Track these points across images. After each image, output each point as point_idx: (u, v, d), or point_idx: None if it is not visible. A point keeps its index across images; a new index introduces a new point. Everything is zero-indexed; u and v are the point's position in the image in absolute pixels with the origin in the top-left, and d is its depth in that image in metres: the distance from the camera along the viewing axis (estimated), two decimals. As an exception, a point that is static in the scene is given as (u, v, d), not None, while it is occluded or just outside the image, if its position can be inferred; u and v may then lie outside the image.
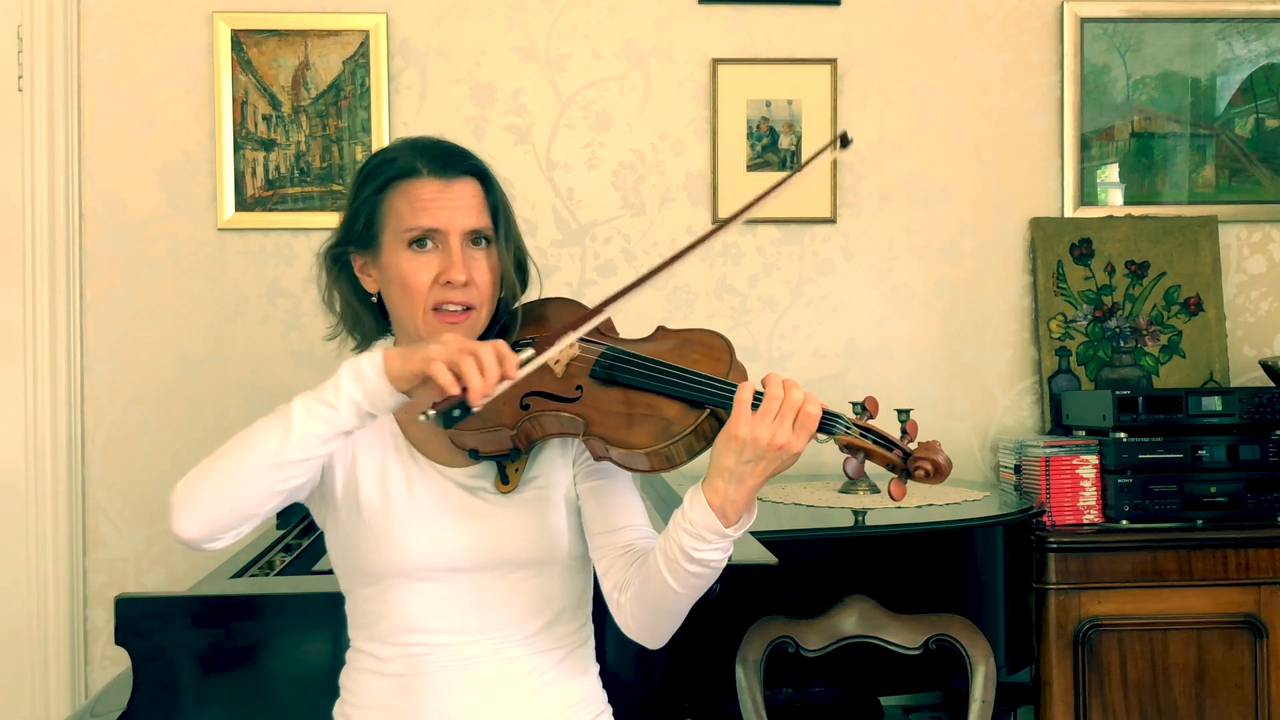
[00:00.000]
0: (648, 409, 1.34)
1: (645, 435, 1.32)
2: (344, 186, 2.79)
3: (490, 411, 1.38)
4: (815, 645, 1.99)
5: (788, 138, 2.85)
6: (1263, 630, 2.45)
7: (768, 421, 1.27)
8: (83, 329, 2.77)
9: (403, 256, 1.44)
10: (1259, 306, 2.97)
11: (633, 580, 1.40)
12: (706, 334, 1.43)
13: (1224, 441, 2.54)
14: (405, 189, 1.45)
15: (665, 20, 2.86)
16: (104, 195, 2.78)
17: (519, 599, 1.43)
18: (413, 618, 1.42)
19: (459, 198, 1.45)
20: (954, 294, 2.91)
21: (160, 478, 2.77)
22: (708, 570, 1.33)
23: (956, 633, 2.00)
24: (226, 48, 2.77)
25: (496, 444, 1.40)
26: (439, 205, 1.44)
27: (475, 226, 1.45)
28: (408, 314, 1.45)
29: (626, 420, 1.34)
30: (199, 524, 1.31)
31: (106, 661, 2.77)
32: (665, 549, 1.34)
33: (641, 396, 1.35)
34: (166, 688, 1.69)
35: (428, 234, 1.43)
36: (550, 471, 1.48)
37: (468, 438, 1.40)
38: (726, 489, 1.29)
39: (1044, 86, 2.92)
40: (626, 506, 1.47)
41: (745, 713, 1.93)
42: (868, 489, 2.50)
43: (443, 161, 1.48)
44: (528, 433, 1.40)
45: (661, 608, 1.38)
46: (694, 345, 1.41)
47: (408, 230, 1.44)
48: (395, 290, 1.46)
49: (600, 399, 1.36)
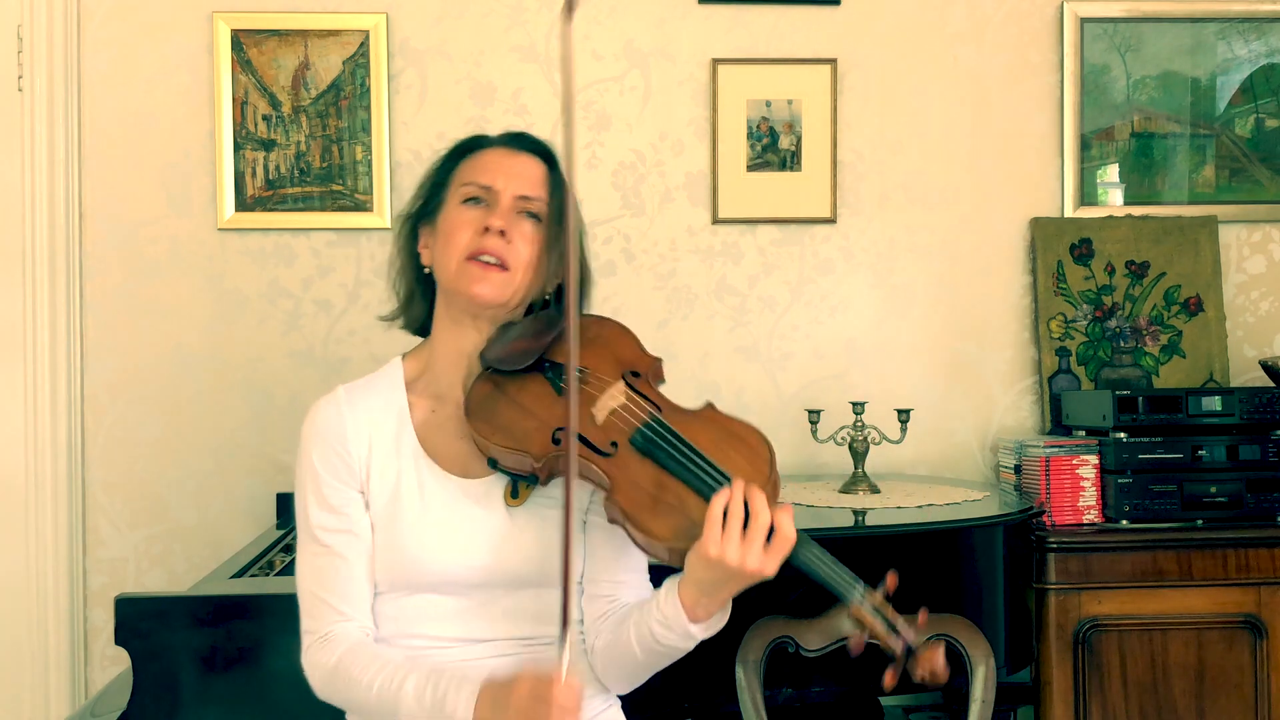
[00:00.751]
0: (676, 500, 1.31)
1: (666, 528, 1.29)
2: (344, 186, 2.80)
3: (520, 433, 1.38)
4: (815, 645, 1.99)
5: (788, 138, 2.85)
6: (1263, 630, 2.45)
7: (735, 542, 1.25)
8: (83, 329, 2.77)
9: (456, 212, 1.48)
10: (1259, 306, 2.97)
11: (604, 632, 1.42)
12: (753, 435, 1.38)
13: (1224, 441, 2.54)
14: (474, 157, 1.52)
15: (665, 20, 2.86)
16: (104, 195, 2.78)
17: (526, 614, 1.43)
18: (420, 625, 1.43)
19: (519, 165, 1.50)
20: (954, 294, 2.91)
21: (160, 478, 2.77)
22: (675, 653, 1.36)
23: (956, 633, 2.00)
24: (226, 48, 2.77)
25: (518, 464, 1.39)
26: (497, 167, 1.49)
27: (527, 193, 1.49)
28: (444, 263, 1.46)
29: (652, 503, 1.31)
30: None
31: (106, 661, 2.77)
32: (638, 622, 1.36)
33: (673, 483, 1.32)
34: (166, 688, 1.69)
35: (482, 192, 1.47)
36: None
37: (492, 448, 1.39)
38: (699, 596, 1.30)
39: (1044, 87, 2.92)
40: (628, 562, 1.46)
41: (745, 713, 1.93)
42: (868, 489, 2.50)
43: (513, 137, 1.55)
44: (552, 467, 1.38)
45: (626, 667, 1.41)
46: (736, 443, 1.37)
47: (464, 186, 1.49)
48: (441, 245, 1.48)
49: (632, 468, 1.34)
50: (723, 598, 1.31)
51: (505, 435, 1.38)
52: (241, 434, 2.78)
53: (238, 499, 2.78)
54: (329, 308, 2.80)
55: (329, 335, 2.80)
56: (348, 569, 1.42)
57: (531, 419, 1.39)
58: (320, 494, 1.43)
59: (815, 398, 2.85)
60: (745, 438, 1.38)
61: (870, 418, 2.64)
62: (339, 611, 1.41)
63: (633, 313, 2.82)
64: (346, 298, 2.80)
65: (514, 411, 1.40)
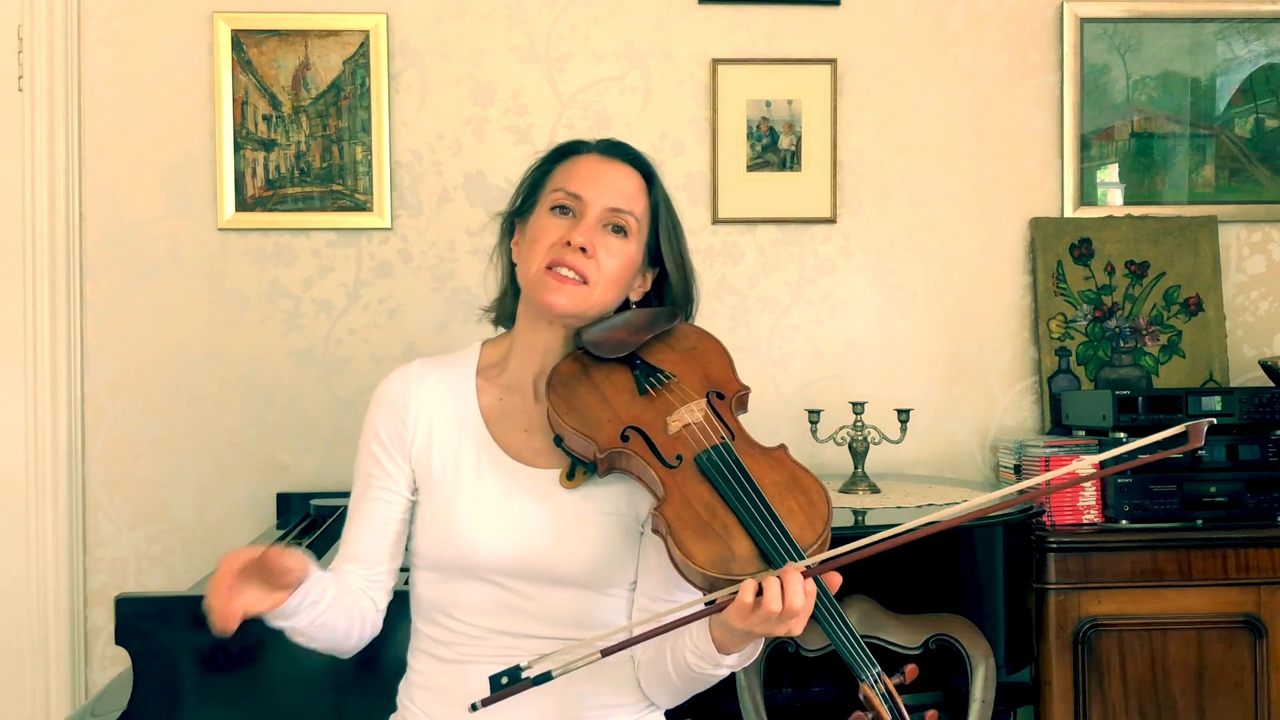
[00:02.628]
0: (723, 529, 1.29)
1: (705, 554, 1.28)
2: (344, 186, 2.80)
3: (594, 420, 1.39)
4: (815, 645, 1.99)
5: (788, 138, 2.85)
6: (1263, 630, 2.45)
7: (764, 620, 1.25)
8: (83, 329, 2.77)
9: (544, 217, 1.49)
10: (1259, 306, 2.97)
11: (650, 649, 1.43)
12: (816, 488, 1.36)
13: (1224, 441, 2.54)
14: (570, 161, 1.53)
15: (665, 20, 2.86)
16: (104, 195, 2.78)
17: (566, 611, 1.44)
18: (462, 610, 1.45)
19: (612, 176, 1.50)
20: (954, 294, 2.91)
21: (160, 478, 2.77)
22: (710, 679, 1.39)
23: (956, 633, 2.00)
24: (226, 48, 2.77)
25: (582, 449, 1.41)
26: (590, 175, 1.49)
27: (617, 205, 1.48)
28: (525, 268, 1.48)
29: (699, 525, 1.30)
30: None
31: (106, 661, 2.77)
32: (674, 648, 1.38)
33: (725, 513, 1.31)
34: (166, 688, 1.69)
35: (571, 201, 1.48)
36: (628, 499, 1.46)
37: (565, 425, 1.40)
38: (726, 638, 1.31)
39: (1044, 87, 2.92)
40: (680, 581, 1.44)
41: (745, 713, 1.93)
42: (868, 489, 2.50)
43: (611, 146, 1.55)
44: (612, 461, 1.39)
45: (667, 689, 1.44)
46: (798, 492, 1.35)
47: (555, 192, 1.49)
48: (527, 247, 1.50)
49: (690, 486, 1.33)
50: (748, 644, 1.33)
51: (578, 417, 1.39)
52: (241, 434, 2.78)
53: (238, 499, 2.78)
54: (329, 308, 2.80)
55: (329, 335, 2.80)
56: (368, 526, 1.50)
57: (607, 409, 1.40)
58: (373, 453, 1.51)
59: (815, 398, 2.85)
60: (808, 489, 1.36)
61: (870, 418, 2.64)
62: (348, 555, 1.51)
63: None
64: (346, 298, 2.80)
65: (593, 397, 1.42)
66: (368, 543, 1.50)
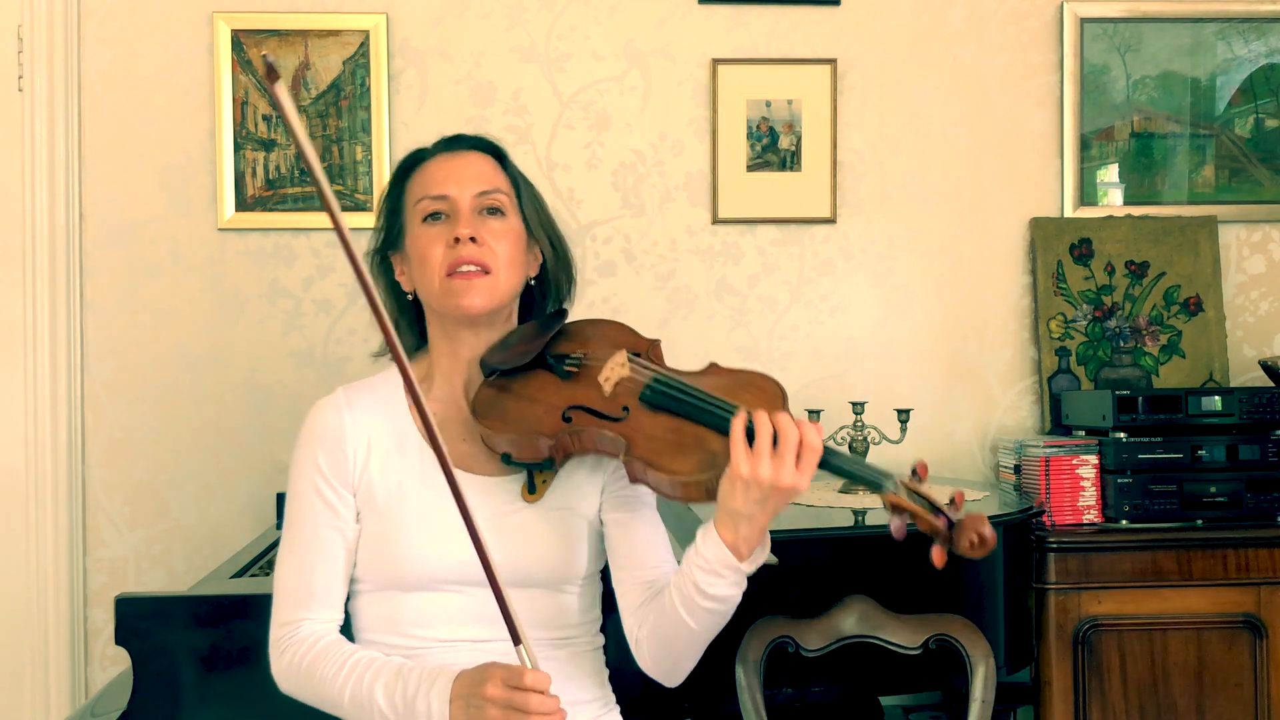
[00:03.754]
0: (695, 440, 1.32)
1: (689, 464, 1.30)
2: (344, 186, 2.80)
3: (531, 418, 1.39)
4: (815, 645, 1.99)
5: (788, 138, 2.85)
6: (1263, 630, 2.45)
7: (766, 459, 1.25)
8: (83, 329, 2.77)
9: (419, 231, 1.47)
10: (1259, 306, 2.97)
11: (649, 618, 1.40)
12: (761, 377, 1.41)
13: (1224, 441, 2.54)
14: (419, 171, 1.51)
15: (665, 20, 2.86)
16: (104, 195, 2.78)
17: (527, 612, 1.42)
18: (419, 627, 1.43)
19: (465, 166, 1.49)
20: (954, 294, 2.91)
21: (160, 478, 2.77)
22: (722, 607, 1.34)
23: (956, 632, 2.00)
24: (226, 48, 2.77)
25: (532, 452, 1.40)
26: (445, 173, 1.48)
27: (484, 189, 1.47)
28: (427, 285, 1.46)
29: (672, 447, 1.32)
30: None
31: (106, 661, 2.77)
32: (680, 585, 1.34)
33: (690, 427, 1.34)
34: (166, 688, 1.69)
35: (438, 204, 1.46)
36: (576, 495, 1.47)
37: (503, 442, 1.40)
38: (737, 527, 1.29)
39: (1044, 86, 2.92)
40: (653, 544, 1.46)
41: (745, 713, 1.93)
42: (868, 489, 2.49)
43: (452, 140, 1.53)
44: (565, 446, 1.39)
45: (677, 645, 1.39)
46: (747, 386, 1.39)
47: (419, 203, 1.47)
48: (417, 268, 1.48)
49: (646, 423, 1.35)
50: (761, 523, 1.29)
51: (514, 426, 1.39)
52: (241, 434, 2.78)
53: (238, 499, 2.78)
54: (329, 308, 2.80)
55: (329, 335, 2.80)
56: (330, 565, 1.44)
57: (539, 405, 1.41)
58: (318, 489, 1.45)
59: (815, 398, 2.85)
60: (754, 381, 1.40)
61: (870, 418, 2.64)
62: (318, 601, 1.43)
63: (633, 313, 2.82)
64: (346, 298, 2.80)
65: (521, 403, 1.42)
66: (336, 585, 1.45)
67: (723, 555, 1.29)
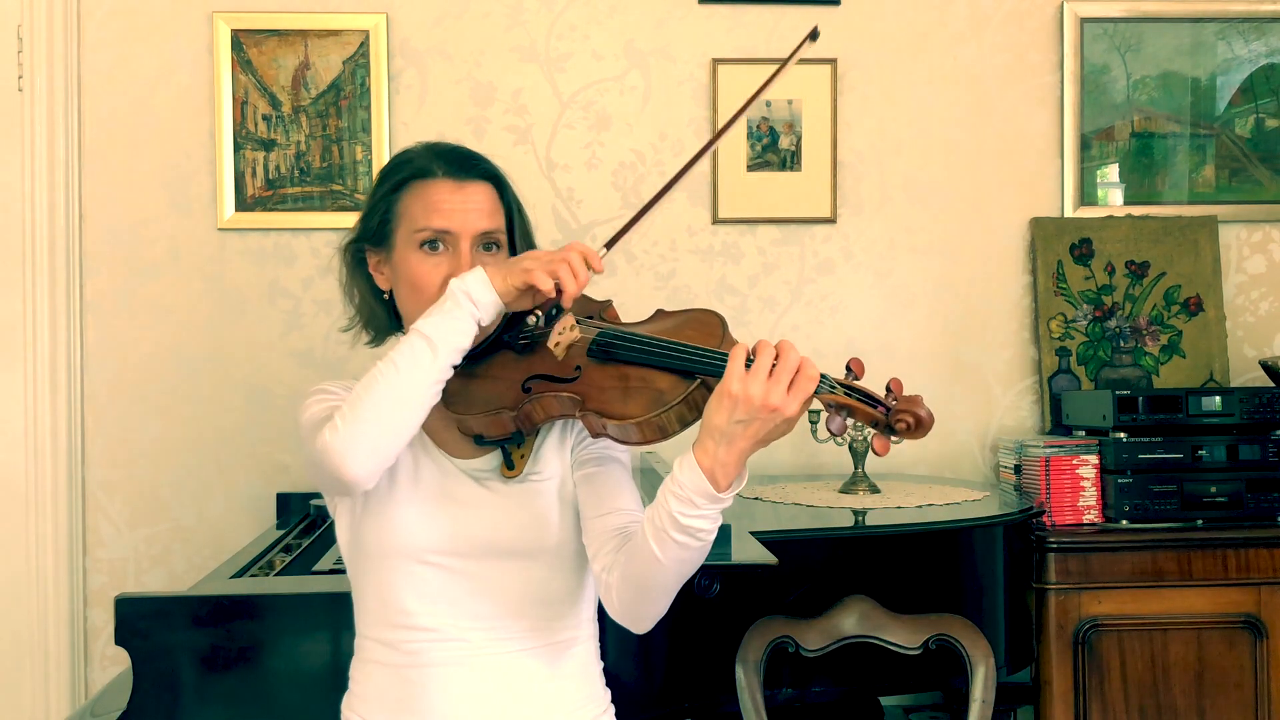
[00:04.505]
0: (641, 382, 1.36)
1: (638, 406, 1.34)
2: (344, 186, 2.79)
3: (494, 395, 1.42)
4: (815, 645, 1.99)
5: (788, 138, 2.85)
6: (1263, 630, 2.45)
7: (761, 378, 1.26)
8: (83, 329, 2.77)
9: (414, 257, 1.47)
10: (1259, 306, 2.97)
11: (620, 560, 1.39)
12: (701, 312, 1.46)
13: (1224, 441, 2.54)
14: (420, 190, 1.49)
15: (665, 20, 2.86)
16: (104, 195, 2.78)
17: (512, 590, 1.43)
18: (410, 603, 1.43)
19: (472, 200, 1.48)
20: (954, 294, 2.91)
21: (160, 478, 2.77)
22: (695, 542, 1.30)
23: (956, 633, 2.00)
24: (226, 48, 2.77)
25: (500, 428, 1.43)
26: (451, 207, 1.46)
27: (487, 228, 1.48)
28: (413, 310, 1.47)
29: (621, 394, 1.36)
30: (371, 463, 1.34)
31: (106, 661, 2.77)
32: (653, 518, 1.31)
33: (636, 371, 1.37)
34: (166, 688, 1.69)
35: (439, 235, 1.46)
36: (545, 463, 1.49)
37: (473, 423, 1.43)
38: (716, 449, 1.27)
39: (1044, 86, 2.92)
40: (620, 491, 1.47)
41: (745, 713, 1.93)
42: (868, 489, 2.50)
43: (458, 164, 1.51)
44: (529, 415, 1.41)
45: (647, 583, 1.35)
46: (688, 323, 1.44)
47: (419, 231, 1.47)
48: (405, 289, 1.49)
49: (597, 377, 1.39)
50: (740, 449, 1.28)
51: (480, 405, 1.42)
52: (241, 434, 2.78)
53: (238, 499, 2.78)
54: (329, 308, 2.80)
55: (329, 335, 2.80)
56: None
57: (501, 382, 1.44)
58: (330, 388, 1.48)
59: (815, 398, 2.84)
60: (694, 317, 1.44)
61: (870, 418, 2.64)
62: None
63: (633, 313, 2.81)
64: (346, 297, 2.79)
65: (485, 383, 1.45)
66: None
67: (698, 481, 1.28)
